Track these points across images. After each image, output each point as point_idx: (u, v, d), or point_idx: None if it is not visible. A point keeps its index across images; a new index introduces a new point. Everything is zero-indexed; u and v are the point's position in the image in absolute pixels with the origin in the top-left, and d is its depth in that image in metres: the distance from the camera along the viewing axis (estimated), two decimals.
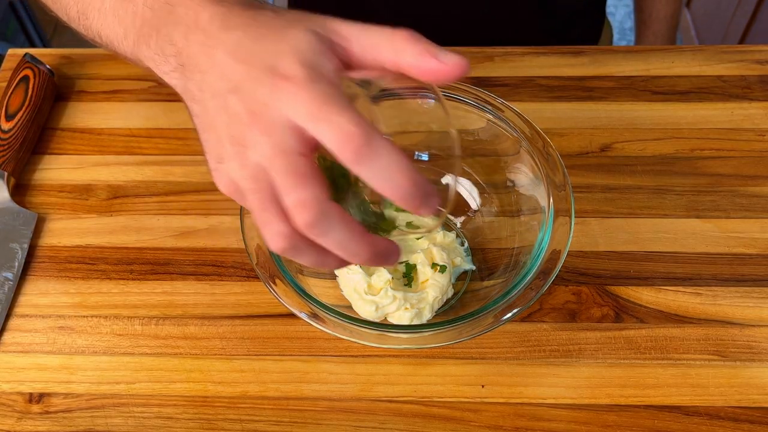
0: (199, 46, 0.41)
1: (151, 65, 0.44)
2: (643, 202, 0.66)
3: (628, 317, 0.60)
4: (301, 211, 0.37)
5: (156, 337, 0.60)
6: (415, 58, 0.39)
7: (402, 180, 0.37)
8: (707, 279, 0.62)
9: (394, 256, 0.41)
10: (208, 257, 0.64)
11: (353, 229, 0.38)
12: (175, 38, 0.42)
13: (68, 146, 0.72)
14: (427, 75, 0.40)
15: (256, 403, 0.57)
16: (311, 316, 0.52)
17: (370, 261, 0.40)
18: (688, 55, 0.77)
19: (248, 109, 0.38)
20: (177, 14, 0.42)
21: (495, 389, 0.57)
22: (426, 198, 0.38)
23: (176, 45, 0.42)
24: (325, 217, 0.37)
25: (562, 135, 0.71)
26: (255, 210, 0.39)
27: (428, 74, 0.40)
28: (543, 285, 0.53)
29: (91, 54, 0.79)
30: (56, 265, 0.64)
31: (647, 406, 0.56)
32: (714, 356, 0.58)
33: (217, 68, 0.39)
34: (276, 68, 0.38)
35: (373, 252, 0.39)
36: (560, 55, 0.77)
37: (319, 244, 0.39)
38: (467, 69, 0.40)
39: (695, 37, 1.86)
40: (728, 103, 0.73)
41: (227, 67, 0.39)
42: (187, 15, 0.41)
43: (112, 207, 0.68)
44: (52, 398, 0.57)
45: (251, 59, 0.39)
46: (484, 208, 0.64)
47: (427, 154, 0.66)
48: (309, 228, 0.38)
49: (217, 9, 0.41)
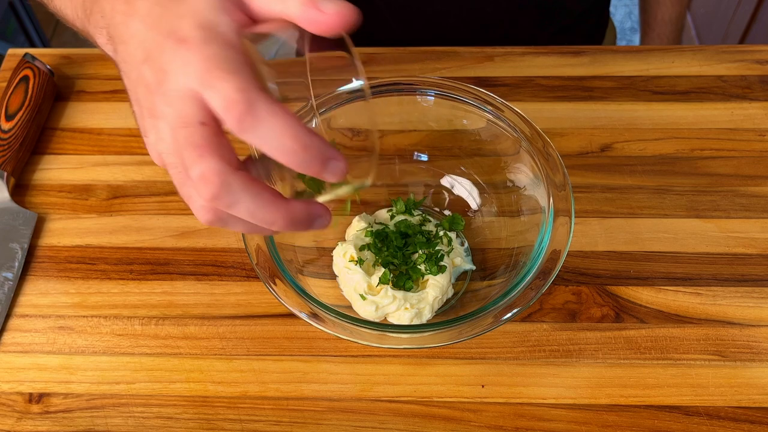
0: (120, 17, 0.40)
1: (96, 41, 0.44)
2: (643, 202, 0.66)
3: (628, 317, 0.60)
4: (203, 185, 0.36)
5: (156, 337, 0.60)
6: (298, 8, 0.38)
7: (291, 144, 0.35)
8: (707, 279, 0.62)
9: (321, 219, 0.40)
10: (207, 257, 0.64)
11: (262, 197, 0.37)
12: (105, 10, 0.41)
13: (68, 146, 0.72)
14: (312, 25, 0.39)
15: (256, 404, 0.57)
16: (311, 316, 0.52)
17: (289, 227, 0.39)
18: (688, 54, 0.77)
19: (156, 78, 0.37)
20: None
21: (495, 389, 0.57)
22: (326, 161, 0.36)
23: (105, 17, 0.41)
24: (227, 189, 0.36)
25: (562, 135, 0.71)
26: (176, 185, 0.39)
27: (312, 24, 0.39)
28: (543, 285, 0.53)
29: (91, 54, 0.79)
30: (56, 265, 0.64)
31: (647, 406, 0.56)
32: (714, 356, 0.58)
33: (134, 38, 0.39)
34: (175, 32, 0.37)
35: (289, 218, 0.38)
36: (560, 55, 0.77)
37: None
38: (350, 18, 0.38)
39: (695, 37, 1.86)
40: (728, 103, 0.73)
41: (140, 35, 0.38)
42: None
43: (112, 207, 0.68)
44: (52, 398, 0.58)
45: (158, 25, 0.38)
46: (484, 208, 0.64)
47: (426, 155, 0.66)
48: (214, 201, 0.37)
49: None
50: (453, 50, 0.77)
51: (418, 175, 0.66)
